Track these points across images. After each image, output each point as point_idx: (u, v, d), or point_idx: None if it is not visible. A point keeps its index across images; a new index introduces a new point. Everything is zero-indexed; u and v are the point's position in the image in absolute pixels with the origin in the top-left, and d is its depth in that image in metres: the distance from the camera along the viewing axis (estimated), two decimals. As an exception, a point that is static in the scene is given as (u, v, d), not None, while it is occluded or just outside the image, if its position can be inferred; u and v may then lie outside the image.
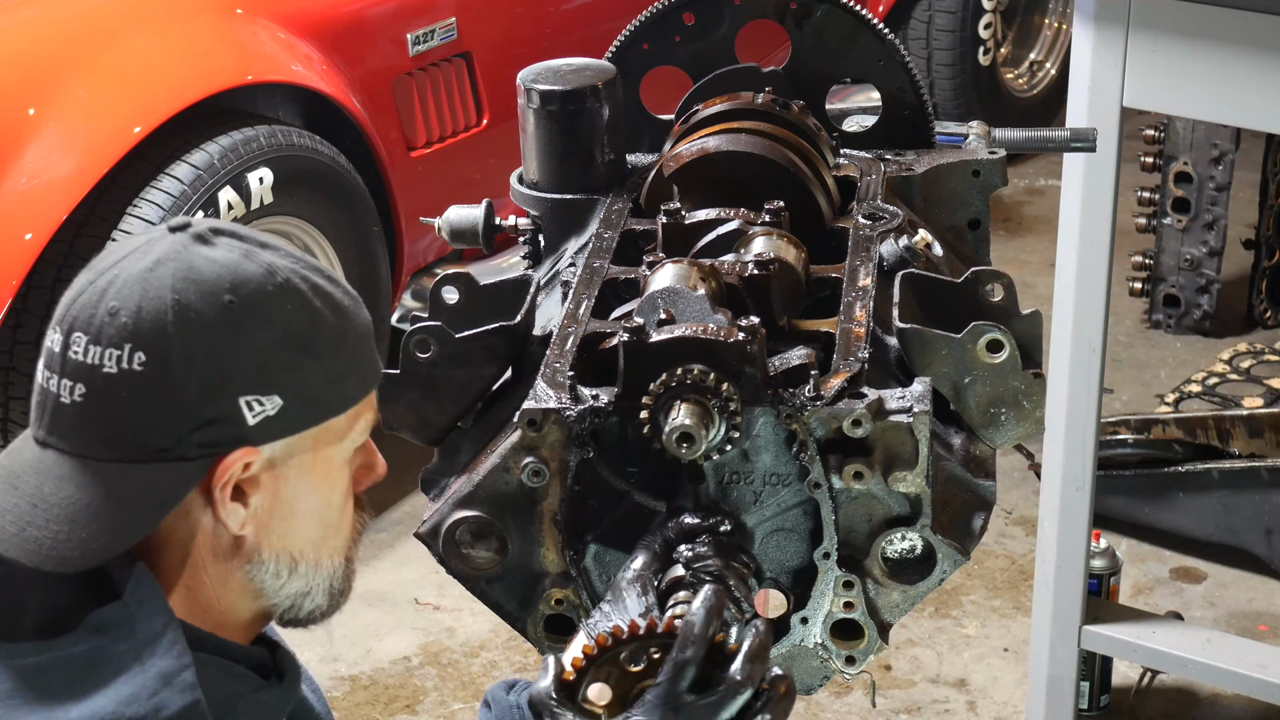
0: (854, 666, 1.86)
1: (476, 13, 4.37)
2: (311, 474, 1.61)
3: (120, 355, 1.52)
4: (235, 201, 3.70)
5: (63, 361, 1.54)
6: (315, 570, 1.64)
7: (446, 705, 3.66)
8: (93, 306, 1.54)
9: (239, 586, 1.62)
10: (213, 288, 1.53)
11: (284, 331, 1.55)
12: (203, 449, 1.54)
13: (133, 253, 1.56)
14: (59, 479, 1.54)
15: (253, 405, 1.54)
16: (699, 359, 1.73)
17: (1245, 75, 2.88)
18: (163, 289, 1.52)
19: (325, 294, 1.60)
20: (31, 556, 1.52)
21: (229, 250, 1.56)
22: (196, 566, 1.60)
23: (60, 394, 1.54)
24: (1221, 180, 4.90)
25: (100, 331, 1.52)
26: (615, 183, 2.25)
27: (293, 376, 1.55)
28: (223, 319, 1.53)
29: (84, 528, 1.52)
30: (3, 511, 1.54)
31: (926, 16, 5.75)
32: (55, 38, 3.70)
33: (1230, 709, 3.68)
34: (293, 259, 1.59)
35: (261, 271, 1.56)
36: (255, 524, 1.60)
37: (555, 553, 1.83)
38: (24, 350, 3.54)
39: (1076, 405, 3.19)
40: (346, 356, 1.60)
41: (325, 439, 1.60)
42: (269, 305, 1.55)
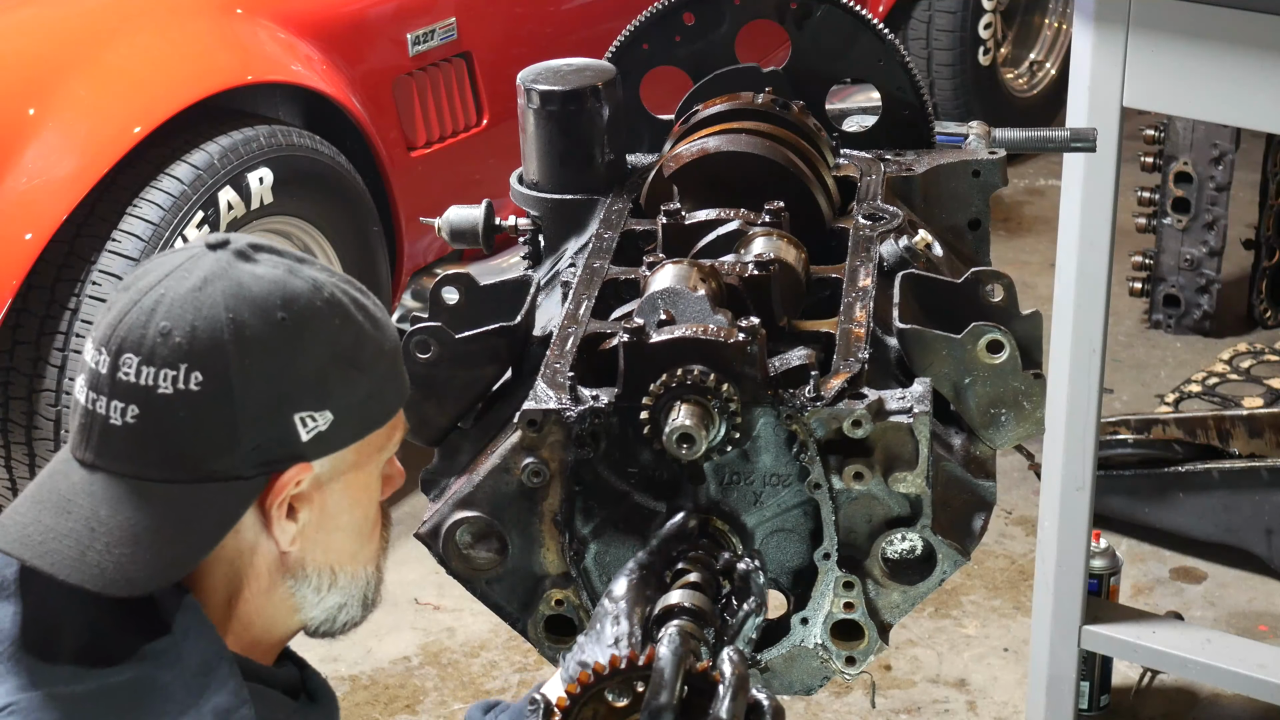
0: (854, 667, 1.86)
1: (476, 13, 4.37)
2: (353, 486, 1.62)
3: (176, 375, 1.51)
4: (235, 201, 3.70)
5: (112, 383, 1.53)
6: (352, 582, 1.65)
7: (446, 705, 3.66)
8: (142, 327, 1.52)
9: (280, 602, 1.62)
10: (265, 304, 1.53)
11: (333, 346, 1.56)
12: (259, 467, 1.54)
13: (175, 271, 1.55)
14: (115, 502, 1.53)
15: (306, 421, 1.54)
16: (699, 359, 1.73)
17: (1245, 75, 2.88)
18: (216, 308, 1.52)
19: (364, 308, 1.60)
20: (95, 581, 1.50)
21: (273, 267, 1.56)
22: (241, 583, 1.59)
23: (110, 416, 1.53)
24: (1221, 180, 4.90)
25: (153, 352, 1.51)
26: (615, 183, 2.25)
27: (342, 391, 1.56)
28: (278, 336, 1.53)
29: (147, 550, 1.51)
30: (60, 536, 1.52)
31: (926, 16, 5.75)
32: (55, 38, 3.70)
33: (1230, 709, 3.68)
34: (330, 273, 1.60)
35: (309, 287, 1.56)
36: (302, 539, 1.60)
37: (555, 553, 1.83)
38: (24, 350, 3.54)
39: (1076, 405, 3.19)
40: (386, 368, 1.61)
41: (366, 451, 1.61)
42: (318, 321, 1.55)
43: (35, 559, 1.52)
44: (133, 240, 3.55)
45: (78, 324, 3.51)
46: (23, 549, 1.53)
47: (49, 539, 1.53)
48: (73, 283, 3.53)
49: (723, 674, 1.49)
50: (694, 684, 1.51)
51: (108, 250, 3.53)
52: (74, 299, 3.52)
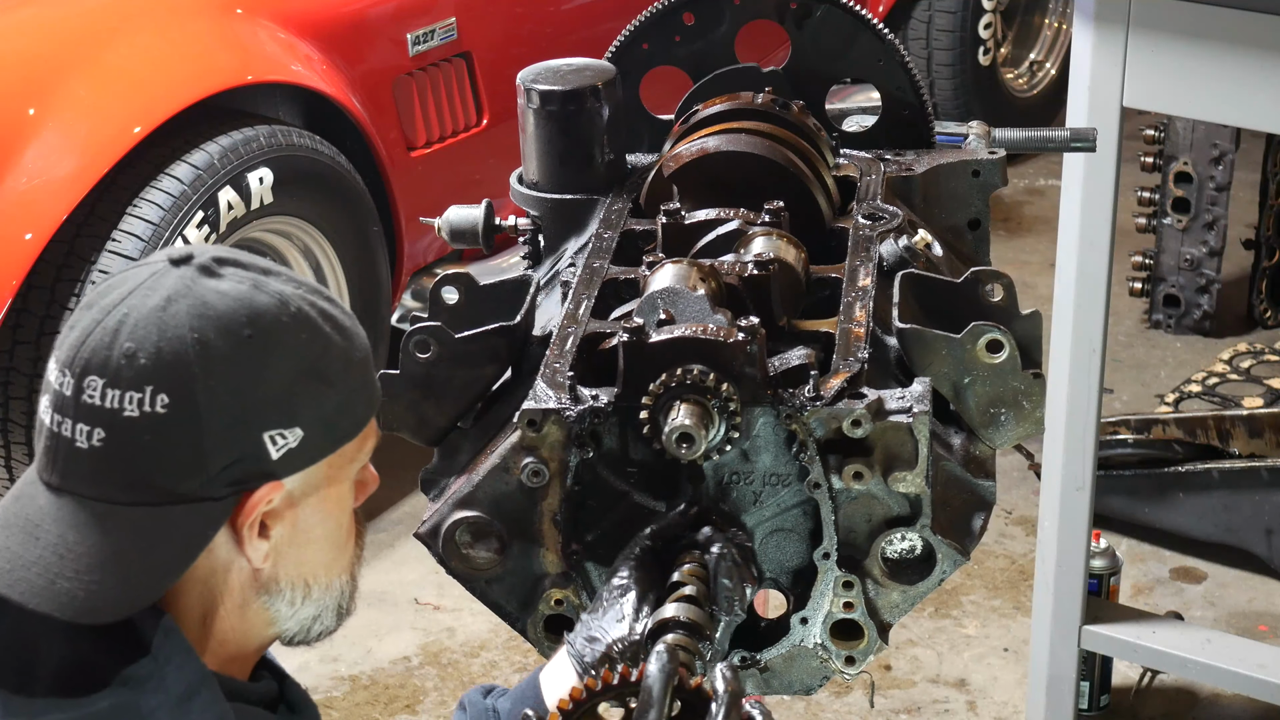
0: (854, 667, 1.86)
1: (476, 13, 4.37)
2: (326, 500, 1.60)
3: (142, 398, 1.48)
4: (235, 201, 3.70)
5: (76, 405, 1.50)
6: (326, 592, 1.64)
7: (446, 705, 3.66)
8: (106, 348, 1.50)
9: (254, 617, 1.61)
10: (230, 323, 1.51)
11: (300, 362, 1.54)
12: (230, 487, 1.52)
13: (137, 289, 1.52)
14: (82, 527, 1.51)
15: (276, 439, 1.52)
16: (699, 359, 1.73)
17: (1245, 75, 2.88)
18: (180, 328, 1.49)
19: (332, 318, 1.58)
20: (65, 610, 1.49)
21: (238, 282, 1.54)
22: (215, 602, 1.58)
23: (76, 439, 1.50)
24: (1221, 180, 4.90)
25: (118, 374, 1.49)
26: (615, 183, 2.25)
27: (311, 406, 1.54)
28: (244, 355, 1.51)
29: (116, 576, 1.50)
30: (28, 564, 1.50)
31: (926, 16, 5.74)
32: (55, 38, 3.70)
33: (1230, 709, 3.68)
34: (297, 284, 1.57)
35: (275, 302, 1.54)
36: (275, 555, 1.59)
37: (555, 553, 1.83)
38: (24, 350, 3.54)
39: (1076, 405, 3.19)
40: (355, 380, 1.59)
41: (338, 464, 1.59)
42: (285, 336, 1.53)
43: (3, 588, 1.50)
44: (133, 240, 3.55)
45: (78, 324, 3.51)
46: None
47: (17, 566, 1.50)
48: (73, 283, 3.53)
49: (715, 690, 1.49)
50: (687, 699, 1.50)
51: (108, 250, 3.53)
52: (74, 299, 3.52)
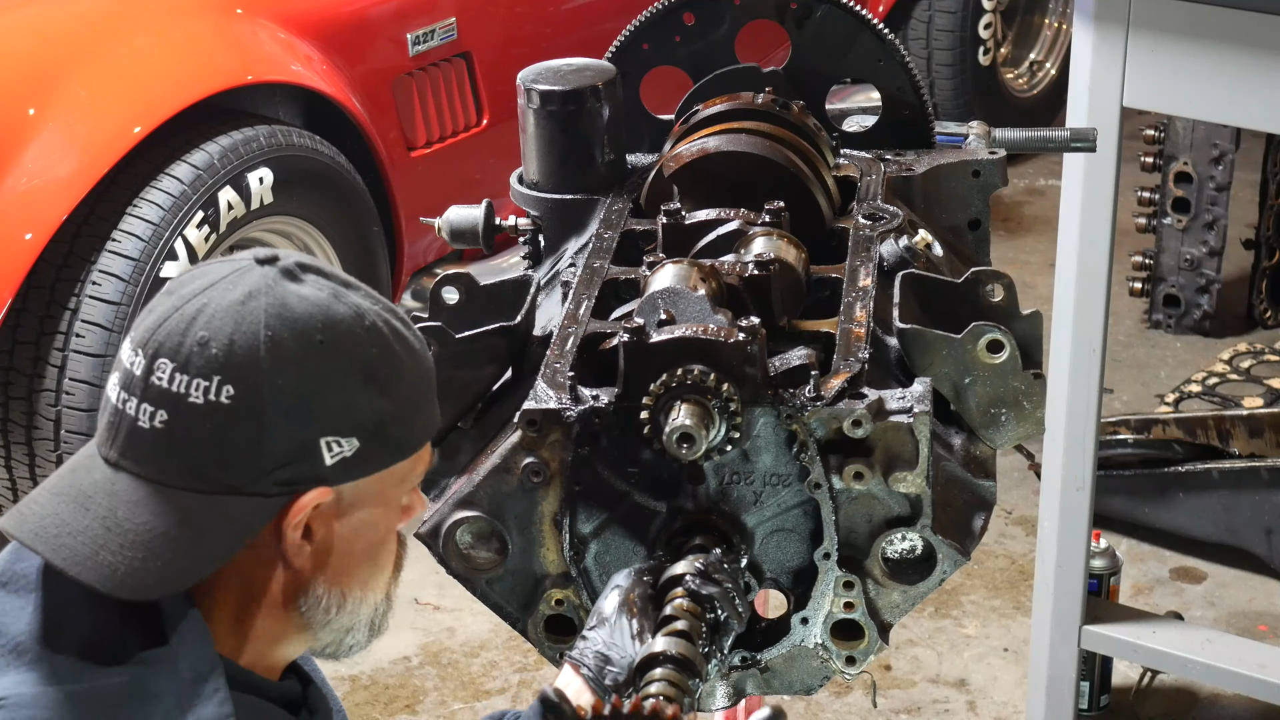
0: (854, 667, 1.86)
1: (476, 13, 4.37)
2: (372, 514, 1.61)
3: (209, 386, 1.50)
4: (235, 201, 3.70)
5: (145, 386, 1.52)
6: (361, 606, 1.64)
7: (446, 705, 3.66)
8: (180, 334, 1.52)
9: (288, 620, 1.61)
10: (305, 326, 1.52)
11: (367, 374, 1.55)
12: (281, 486, 1.53)
13: (220, 281, 1.54)
14: (133, 504, 1.52)
15: (332, 446, 1.53)
16: (699, 359, 1.73)
17: (1245, 75, 2.88)
18: (255, 323, 1.51)
19: (403, 338, 1.59)
20: (105, 582, 1.50)
21: (318, 289, 1.55)
22: (250, 599, 1.59)
23: (139, 418, 1.52)
24: (1221, 180, 4.90)
25: (189, 360, 1.51)
26: (615, 183, 2.25)
27: (371, 419, 1.55)
28: (314, 359, 1.52)
29: (159, 557, 1.51)
30: (75, 532, 1.52)
31: (926, 16, 5.74)
32: (55, 38, 3.69)
33: (1230, 709, 3.68)
34: (374, 300, 1.59)
35: (351, 313, 1.55)
36: (316, 560, 1.59)
37: (555, 553, 1.84)
38: (24, 350, 3.54)
39: (1076, 405, 3.19)
40: (417, 400, 1.61)
41: (389, 480, 1.60)
42: (356, 347, 1.55)
43: (48, 552, 1.52)
44: (133, 240, 3.55)
45: (78, 324, 3.51)
46: (37, 540, 1.53)
47: (64, 533, 1.53)
48: (73, 283, 3.53)
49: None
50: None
51: (108, 250, 3.53)
52: (74, 299, 3.52)
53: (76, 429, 3.54)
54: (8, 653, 1.54)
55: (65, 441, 3.54)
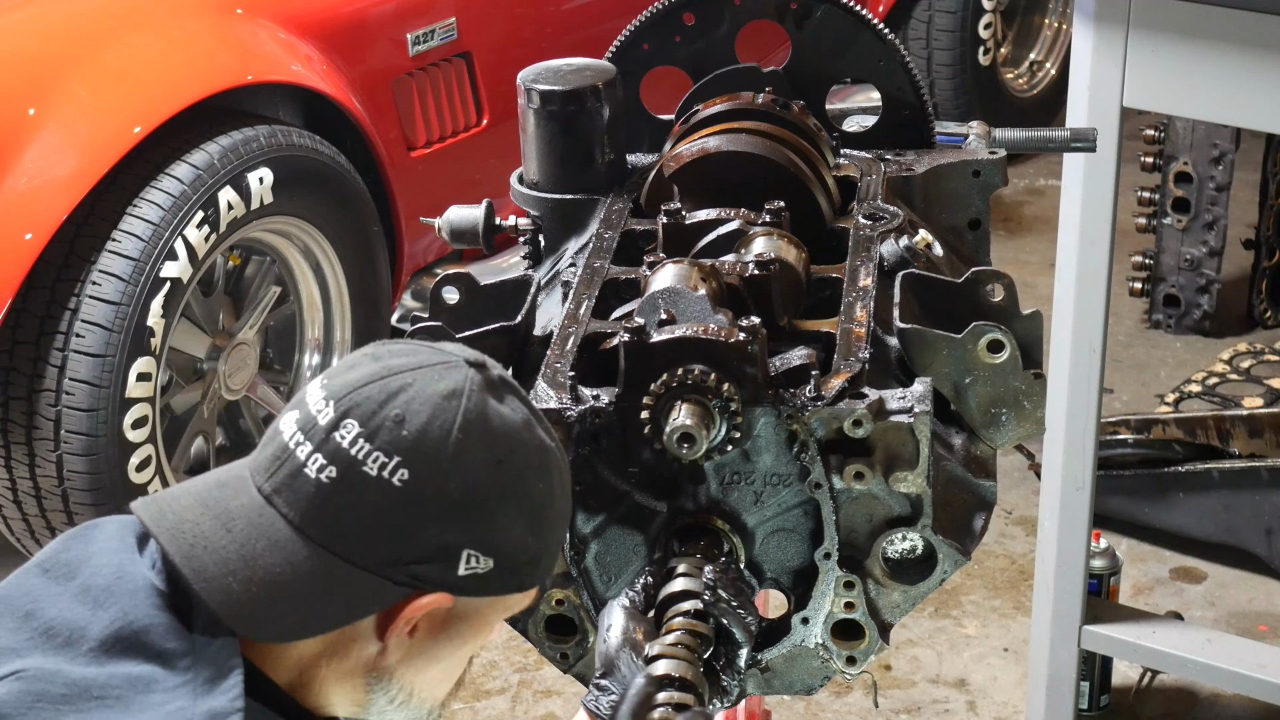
0: (854, 666, 1.86)
1: (476, 13, 4.37)
2: (469, 631, 1.63)
3: (387, 464, 1.52)
4: (235, 201, 3.70)
5: (324, 438, 1.53)
6: (420, 708, 1.66)
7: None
8: (378, 404, 1.53)
9: (351, 692, 1.62)
10: (494, 443, 1.55)
11: (527, 507, 1.57)
12: (411, 580, 1.55)
13: (427, 368, 1.56)
14: (273, 544, 1.54)
15: (471, 560, 1.55)
16: (700, 359, 1.73)
17: (1245, 75, 2.88)
18: (450, 423, 1.53)
19: (564, 482, 1.62)
20: (223, 607, 1.52)
21: (514, 411, 1.58)
22: (326, 656, 1.60)
23: (307, 464, 1.53)
24: (1221, 180, 4.90)
25: (377, 431, 1.52)
26: (615, 183, 2.25)
27: (513, 546, 1.57)
28: (489, 475, 1.55)
29: (279, 603, 1.53)
30: (212, 549, 1.54)
31: (926, 16, 5.74)
32: (55, 38, 3.69)
33: (1230, 709, 3.68)
34: (553, 438, 1.62)
35: (536, 445, 1.58)
36: (405, 656, 1.61)
37: (556, 553, 1.83)
38: (24, 350, 3.54)
39: (1076, 405, 3.19)
40: (555, 543, 1.63)
41: (499, 607, 1.63)
42: (528, 479, 1.57)
43: (180, 557, 1.54)
44: (133, 240, 3.55)
45: (78, 324, 3.51)
46: (172, 541, 1.55)
47: (199, 545, 1.54)
48: (73, 283, 3.52)
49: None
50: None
51: (108, 250, 3.53)
52: (74, 299, 3.52)
53: (76, 429, 3.54)
54: (39, 634, 1.55)
55: (65, 441, 3.54)
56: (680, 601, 1.73)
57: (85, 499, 3.58)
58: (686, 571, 1.75)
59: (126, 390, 3.55)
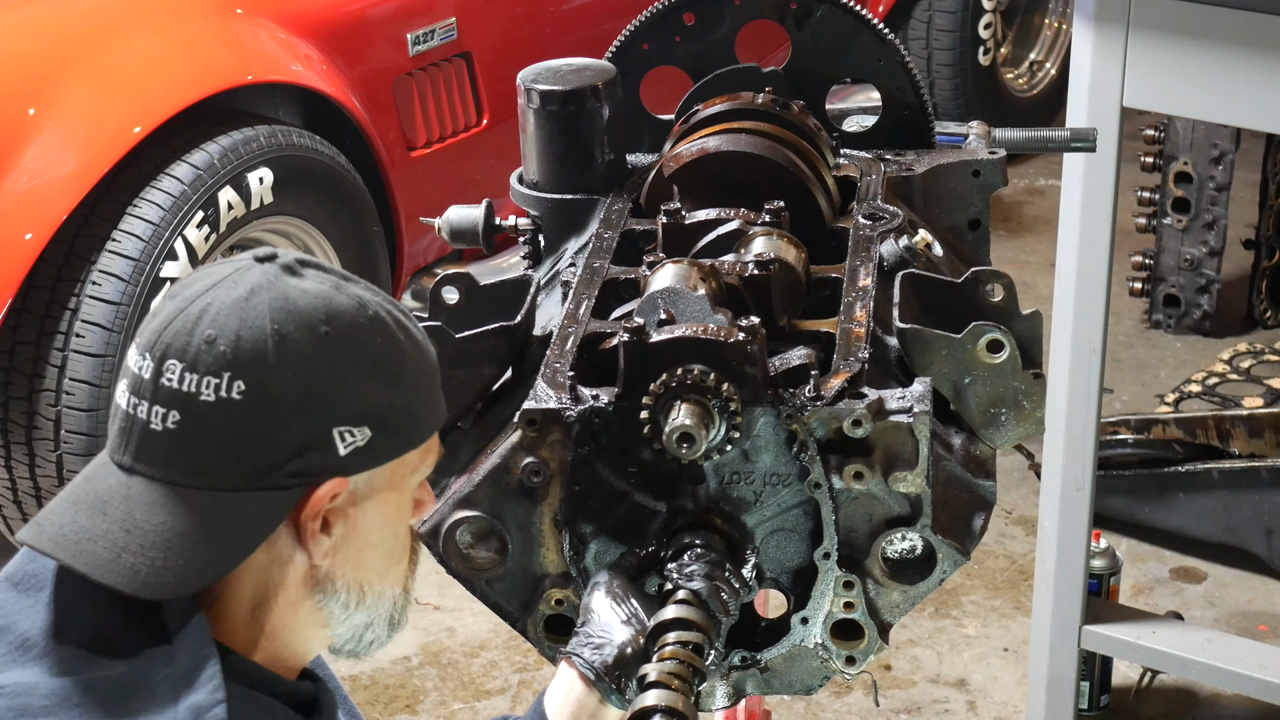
0: (854, 666, 1.86)
1: (476, 13, 4.37)
2: (386, 505, 1.62)
3: (219, 384, 1.51)
4: (235, 201, 3.70)
5: (154, 388, 1.53)
6: (379, 600, 1.65)
7: (446, 705, 3.66)
8: (187, 334, 1.53)
9: (307, 616, 1.62)
10: (309, 318, 1.54)
11: (374, 363, 1.56)
12: (296, 479, 1.54)
13: (222, 281, 1.55)
14: (150, 505, 1.54)
15: (345, 436, 1.54)
16: (699, 359, 1.73)
17: (1245, 75, 2.88)
18: (260, 318, 1.53)
19: (406, 329, 1.61)
20: (128, 584, 1.51)
21: (319, 282, 1.57)
22: (267, 595, 1.59)
23: (150, 421, 1.53)
24: (1221, 180, 4.90)
25: (197, 359, 1.52)
26: (615, 183, 2.25)
27: (381, 408, 1.56)
28: (320, 349, 1.53)
29: (179, 555, 1.52)
30: (95, 537, 1.53)
31: (926, 16, 5.74)
32: (55, 38, 3.70)
33: (1230, 709, 3.68)
34: (374, 291, 1.60)
35: (353, 304, 1.57)
36: (333, 554, 1.60)
37: (555, 553, 1.84)
38: (24, 350, 3.54)
39: (1076, 405, 3.19)
40: (424, 389, 1.62)
41: (401, 471, 1.61)
42: (362, 336, 1.56)
43: (70, 559, 1.53)
44: (133, 240, 3.55)
45: (78, 324, 3.51)
46: (57, 548, 1.54)
47: (83, 539, 1.54)
48: (73, 283, 3.53)
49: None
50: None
51: (108, 250, 3.53)
52: (74, 299, 3.52)
53: (76, 429, 3.54)
54: (14, 648, 1.55)
55: (65, 441, 3.54)
56: (673, 630, 1.71)
57: (85, 499, 3.58)
58: (684, 599, 1.73)
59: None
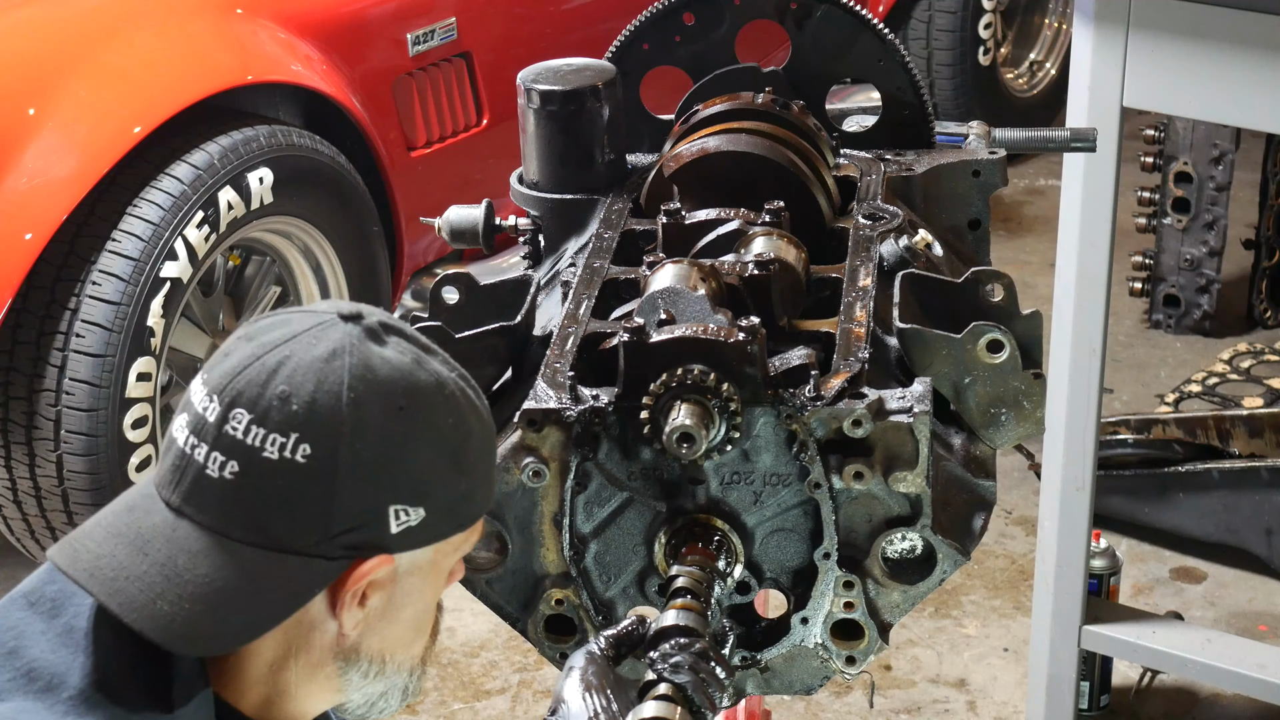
0: (854, 666, 1.86)
1: (476, 13, 4.37)
2: (423, 582, 1.59)
3: (285, 443, 1.47)
4: (235, 201, 3.70)
5: (217, 434, 1.48)
6: (398, 672, 1.63)
7: (446, 705, 3.66)
8: (260, 385, 1.48)
9: (324, 680, 1.59)
10: (388, 391, 1.50)
11: (443, 445, 1.53)
12: (345, 550, 1.50)
13: (304, 334, 1.51)
14: (194, 554, 1.49)
15: (400, 514, 1.51)
16: (699, 359, 1.73)
17: (1245, 75, 2.88)
18: (338, 384, 1.48)
19: (478, 410, 1.57)
20: (161, 633, 1.47)
21: (401, 353, 1.53)
22: (289, 656, 1.57)
23: (208, 466, 1.49)
24: (1221, 180, 4.90)
25: (267, 414, 1.47)
26: (615, 183, 2.25)
27: (440, 489, 1.53)
28: (394, 426, 1.50)
29: (216, 612, 1.48)
30: (133, 577, 1.49)
31: (926, 16, 5.74)
32: (55, 38, 3.70)
33: (1230, 709, 3.68)
34: (451, 367, 1.57)
35: (433, 382, 1.53)
36: (365, 626, 1.58)
37: (555, 553, 1.84)
38: (24, 350, 3.54)
39: (1076, 405, 3.19)
40: (484, 473, 1.59)
41: (444, 550, 1.58)
42: (436, 417, 1.52)
43: (104, 595, 1.49)
44: (133, 240, 3.55)
45: (78, 324, 3.51)
46: (92, 581, 1.50)
47: (119, 577, 1.49)
48: (73, 283, 3.53)
49: None
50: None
51: (108, 250, 3.53)
52: (74, 299, 3.52)
53: (76, 429, 3.54)
54: (20, 676, 1.52)
55: (65, 441, 3.54)
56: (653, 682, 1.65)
57: (85, 499, 3.58)
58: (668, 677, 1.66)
59: (126, 390, 3.55)
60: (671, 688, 1.62)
